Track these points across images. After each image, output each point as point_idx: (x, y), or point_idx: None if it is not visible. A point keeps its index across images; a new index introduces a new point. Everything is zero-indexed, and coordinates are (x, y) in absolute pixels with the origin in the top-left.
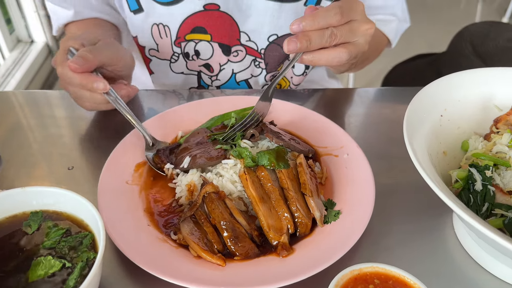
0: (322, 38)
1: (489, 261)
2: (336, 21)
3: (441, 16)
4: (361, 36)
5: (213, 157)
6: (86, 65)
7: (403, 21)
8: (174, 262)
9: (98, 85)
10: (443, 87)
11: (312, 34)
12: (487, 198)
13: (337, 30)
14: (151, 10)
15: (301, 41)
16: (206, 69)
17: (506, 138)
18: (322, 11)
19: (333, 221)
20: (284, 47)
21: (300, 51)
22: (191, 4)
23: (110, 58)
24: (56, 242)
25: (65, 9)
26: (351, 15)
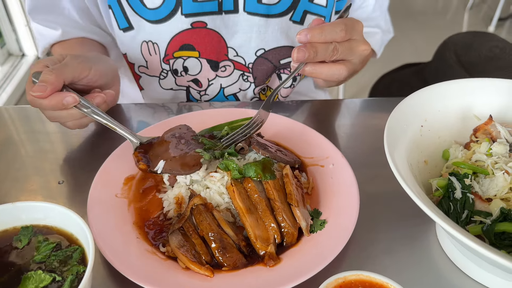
0: (326, 51)
1: (471, 267)
2: (340, 37)
3: (429, 25)
4: (358, 56)
5: (189, 165)
6: (50, 88)
7: (386, 32)
8: (163, 274)
9: (67, 100)
10: (423, 98)
11: (318, 46)
12: (467, 206)
13: (339, 46)
14: (141, 28)
15: (309, 51)
16: (194, 84)
17: (485, 147)
18: (329, 26)
19: (319, 230)
20: (293, 55)
21: (307, 61)
22: (179, 23)
23: (77, 71)
24: (46, 256)
25: (52, 29)
26: (352, 34)
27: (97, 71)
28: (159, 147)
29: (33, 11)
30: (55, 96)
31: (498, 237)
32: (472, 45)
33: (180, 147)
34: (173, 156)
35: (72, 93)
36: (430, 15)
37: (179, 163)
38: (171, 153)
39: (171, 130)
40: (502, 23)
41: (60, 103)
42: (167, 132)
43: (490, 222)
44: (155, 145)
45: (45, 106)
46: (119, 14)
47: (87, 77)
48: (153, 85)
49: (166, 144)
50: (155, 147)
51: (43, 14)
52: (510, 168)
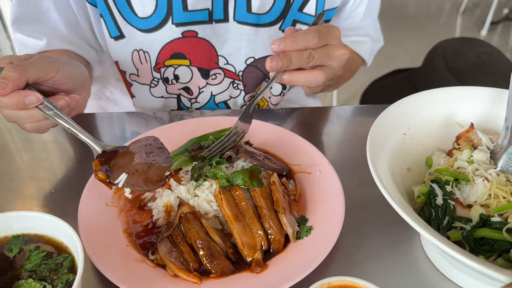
0: (301, 58)
1: (453, 272)
2: (313, 43)
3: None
4: (336, 60)
5: (152, 180)
6: (11, 85)
7: (376, 41)
8: (152, 282)
9: (29, 99)
10: (407, 106)
11: (292, 54)
12: (448, 212)
13: (315, 52)
14: (132, 36)
15: (283, 60)
16: (185, 92)
17: (466, 154)
18: (301, 34)
19: (305, 237)
20: (266, 65)
21: (281, 70)
22: (170, 32)
23: (43, 70)
24: (37, 265)
25: (37, 39)
26: (328, 39)
27: (65, 73)
28: (123, 158)
29: (18, 21)
30: (16, 94)
31: (478, 242)
32: (461, 51)
33: (144, 159)
34: (137, 170)
35: (35, 92)
36: (423, 19)
37: (142, 178)
38: (134, 166)
39: (138, 141)
40: (494, 26)
41: (21, 102)
42: (134, 143)
43: (469, 228)
44: (119, 155)
45: (4, 104)
46: (111, 23)
47: (53, 79)
48: (144, 93)
49: (130, 155)
50: (119, 158)
51: (29, 24)
52: (490, 175)
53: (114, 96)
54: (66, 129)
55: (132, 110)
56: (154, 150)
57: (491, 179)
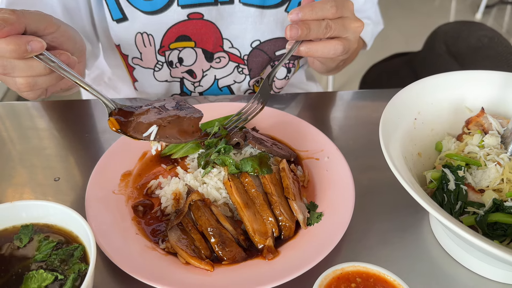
0: (319, 28)
1: (463, 256)
2: (331, 14)
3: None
4: (352, 32)
5: (188, 131)
6: (8, 28)
7: (377, 23)
8: (164, 269)
9: (32, 45)
10: (416, 92)
11: (311, 23)
12: (460, 197)
13: (332, 23)
14: (135, 18)
15: (302, 28)
16: (189, 75)
17: (477, 138)
18: (319, 3)
19: (315, 223)
20: (286, 33)
21: (300, 39)
22: (175, 14)
23: (44, 21)
24: (47, 255)
25: None
26: (343, 12)
27: (66, 32)
28: (147, 113)
29: (12, 4)
30: (16, 38)
31: (491, 227)
32: (461, 35)
33: (173, 113)
34: (168, 122)
35: (38, 38)
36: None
37: (176, 129)
38: (163, 119)
39: (157, 100)
40: (489, 10)
41: (22, 48)
42: (152, 103)
43: (483, 213)
44: (140, 113)
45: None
46: (113, 5)
47: (53, 34)
48: (147, 77)
49: (154, 110)
50: (141, 114)
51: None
52: (502, 159)
53: (113, 82)
54: (73, 82)
55: (132, 96)
56: (177, 105)
57: (503, 163)
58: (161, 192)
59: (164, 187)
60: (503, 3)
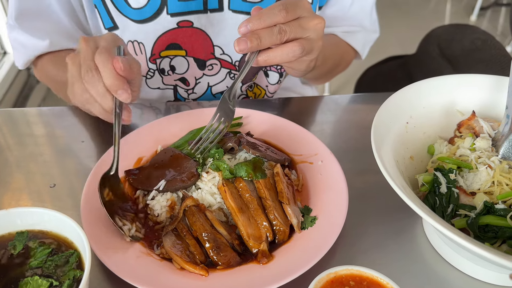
0: (271, 35)
1: (455, 258)
2: (282, 17)
3: (412, 15)
4: (313, 31)
5: (187, 181)
6: (127, 72)
7: (371, 31)
8: (159, 275)
9: (122, 94)
10: (409, 95)
11: (261, 31)
12: (452, 200)
13: (285, 26)
14: (126, 27)
15: (251, 40)
16: (182, 83)
17: (468, 141)
18: (266, 10)
19: (310, 227)
20: (235, 48)
21: (252, 50)
22: (165, 22)
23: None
24: (42, 261)
25: (39, 39)
26: (297, 12)
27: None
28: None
29: (21, 16)
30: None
31: (482, 229)
32: (455, 38)
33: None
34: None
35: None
36: (412, 5)
37: (178, 181)
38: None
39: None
40: (483, 12)
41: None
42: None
43: (474, 216)
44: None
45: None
46: (104, 13)
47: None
48: None
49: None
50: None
51: (31, 20)
52: (493, 162)
53: None
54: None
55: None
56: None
57: (494, 166)
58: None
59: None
60: (497, 5)
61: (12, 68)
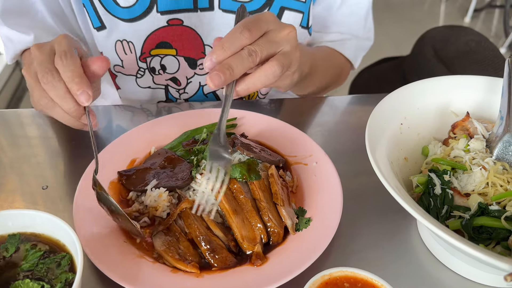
0: (241, 60)
1: (450, 259)
2: (246, 38)
3: (406, 17)
4: (285, 42)
5: (180, 179)
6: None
7: (364, 39)
8: (153, 277)
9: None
10: (403, 96)
11: (229, 60)
12: (446, 201)
13: (253, 46)
14: (114, 26)
15: (223, 71)
16: (173, 82)
17: (462, 143)
18: (227, 36)
19: (304, 229)
20: (208, 85)
21: (227, 82)
22: (155, 20)
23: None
24: (34, 264)
25: (24, 34)
26: (262, 27)
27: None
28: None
29: (5, 14)
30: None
31: (477, 231)
32: (449, 39)
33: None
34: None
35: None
36: (407, 7)
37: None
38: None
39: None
40: (477, 14)
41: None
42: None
43: (468, 217)
44: (139, 172)
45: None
46: (92, 13)
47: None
48: (130, 84)
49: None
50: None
51: (16, 17)
52: (487, 163)
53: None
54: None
55: (119, 102)
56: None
57: (488, 167)
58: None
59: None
60: (491, 7)
61: (6, 69)
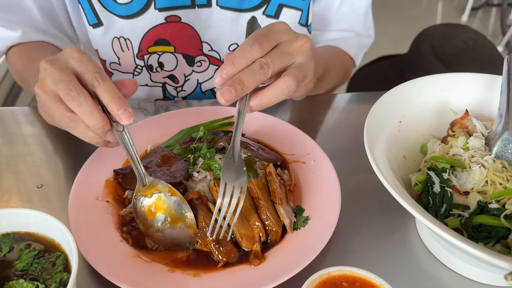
0: (253, 73)
1: (449, 258)
2: (256, 51)
3: (404, 15)
4: (299, 54)
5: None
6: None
7: (365, 37)
8: (148, 277)
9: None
10: (401, 94)
11: (240, 74)
12: (445, 200)
13: (265, 59)
14: (111, 23)
15: (234, 86)
16: (171, 80)
17: (461, 140)
18: (237, 51)
19: (302, 227)
20: (220, 101)
21: (238, 97)
22: (153, 17)
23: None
24: (28, 264)
25: (11, 30)
26: (273, 39)
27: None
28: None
29: None
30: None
31: (476, 229)
32: (447, 37)
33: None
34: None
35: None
36: (405, 5)
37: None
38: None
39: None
40: (474, 12)
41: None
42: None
43: (467, 215)
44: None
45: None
46: (88, 9)
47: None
48: None
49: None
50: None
51: (3, 13)
52: (486, 161)
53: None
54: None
55: None
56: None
57: (487, 165)
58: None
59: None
60: (488, 6)
61: (2, 66)
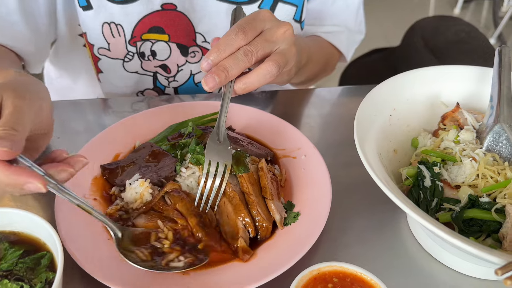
0: (237, 61)
1: (440, 252)
2: (241, 39)
3: (396, 7)
4: (282, 41)
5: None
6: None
7: (356, 32)
8: (137, 276)
9: (31, 187)
10: (392, 87)
11: (225, 62)
12: (436, 194)
13: (249, 46)
14: (102, 8)
15: (218, 73)
16: (162, 70)
17: (452, 134)
18: (223, 38)
19: (292, 223)
20: (204, 88)
21: (222, 84)
22: (149, 4)
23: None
24: (13, 264)
25: None
26: (257, 27)
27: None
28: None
29: None
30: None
31: (467, 223)
32: (439, 29)
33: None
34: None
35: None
36: None
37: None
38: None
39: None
40: (467, 5)
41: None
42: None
43: (458, 209)
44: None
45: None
46: None
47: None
48: (114, 68)
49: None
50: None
51: None
52: (477, 155)
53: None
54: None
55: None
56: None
57: (478, 159)
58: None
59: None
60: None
61: None
